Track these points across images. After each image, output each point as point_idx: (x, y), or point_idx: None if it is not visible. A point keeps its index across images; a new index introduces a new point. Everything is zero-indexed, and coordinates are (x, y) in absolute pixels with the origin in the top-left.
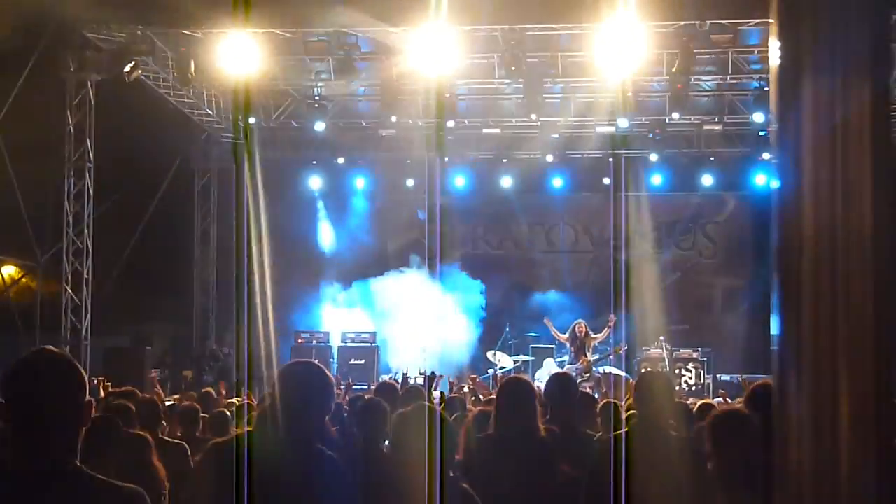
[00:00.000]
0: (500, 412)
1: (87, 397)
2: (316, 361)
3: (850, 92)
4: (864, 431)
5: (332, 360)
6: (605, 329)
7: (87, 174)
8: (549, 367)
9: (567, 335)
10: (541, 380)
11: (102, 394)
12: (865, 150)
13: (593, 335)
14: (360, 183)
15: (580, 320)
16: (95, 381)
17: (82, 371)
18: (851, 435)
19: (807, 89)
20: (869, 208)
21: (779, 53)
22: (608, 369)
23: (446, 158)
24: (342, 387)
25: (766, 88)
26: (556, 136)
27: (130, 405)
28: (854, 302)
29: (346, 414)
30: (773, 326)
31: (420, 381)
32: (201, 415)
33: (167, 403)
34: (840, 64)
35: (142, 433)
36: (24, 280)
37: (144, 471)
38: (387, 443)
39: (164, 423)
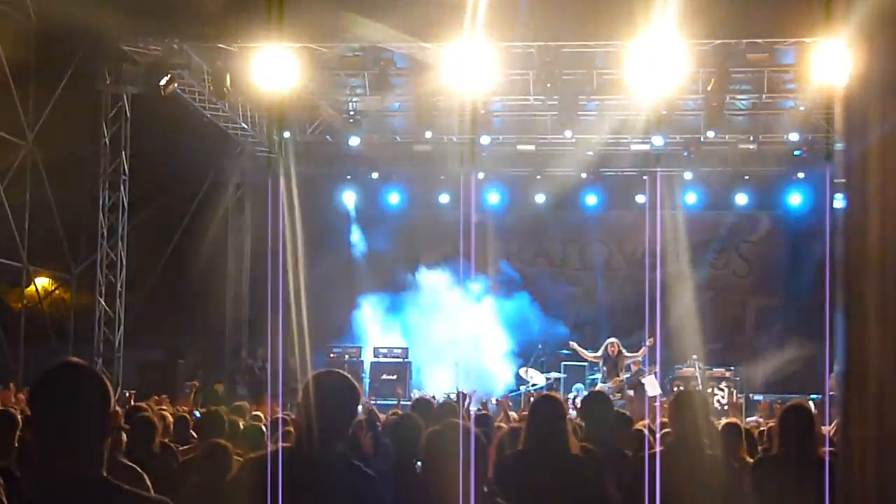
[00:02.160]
0: (530, 430)
1: (113, 408)
2: (341, 371)
3: None
4: None
5: (363, 375)
6: (642, 349)
7: (122, 187)
8: (582, 390)
9: (599, 354)
10: (573, 400)
11: (132, 405)
12: None
13: (626, 354)
14: (393, 198)
15: (613, 339)
16: (127, 394)
17: (107, 382)
18: None
19: (874, 107)
20: None
21: (848, 72)
22: (646, 380)
23: (480, 174)
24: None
25: (801, 108)
26: (591, 153)
27: (154, 418)
28: None
29: (380, 428)
30: (837, 346)
31: (452, 398)
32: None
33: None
34: None
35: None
36: (57, 292)
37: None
38: (419, 463)
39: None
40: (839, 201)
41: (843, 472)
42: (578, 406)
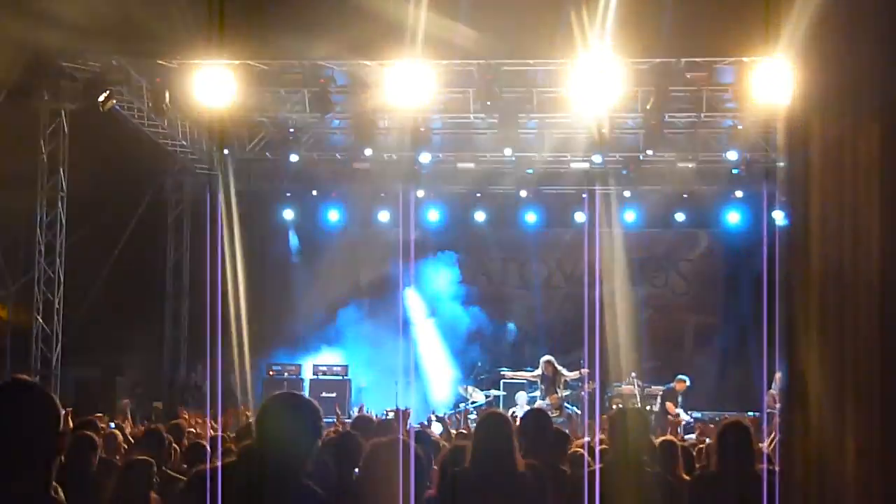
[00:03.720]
0: (477, 447)
1: (63, 427)
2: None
3: (860, 130)
4: (870, 467)
5: (303, 392)
6: (576, 373)
7: (60, 203)
8: (521, 402)
9: (537, 372)
10: (514, 415)
11: (71, 425)
12: (873, 188)
13: (563, 372)
14: (333, 215)
15: (548, 356)
16: (64, 412)
17: (57, 402)
18: (858, 470)
19: (816, 127)
20: (877, 245)
21: (789, 92)
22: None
23: (420, 192)
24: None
25: (739, 127)
26: (531, 171)
27: (95, 436)
28: (861, 338)
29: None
30: (779, 362)
31: (391, 415)
32: (174, 446)
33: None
34: (850, 103)
35: (147, 458)
36: None
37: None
38: (356, 471)
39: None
40: (779, 219)
41: (786, 486)
42: (517, 422)
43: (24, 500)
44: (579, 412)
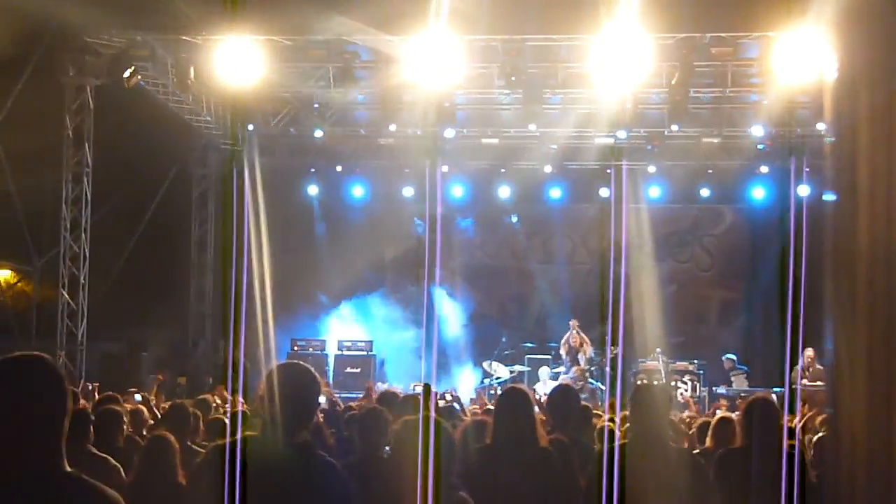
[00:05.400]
0: (498, 422)
1: (75, 399)
2: (302, 362)
3: None
4: None
5: (327, 368)
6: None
7: (85, 179)
8: (544, 377)
9: (563, 345)
10: (537, 390)
11: (97, 398)
12: None
13: (587, 343)
14: (358, 191)
15: (573, 320)
16: (91, 387)
17: (63, 374)
18: None
19: (863, 100)
20: None
21: (835, 65)
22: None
23: (444, 168)
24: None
25: (764, 102)
26: (555, 146)
27: (121, 410)
28: None
29: (344, 421)
30: (827, 339)
31: (417, 389)
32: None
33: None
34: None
35: (166, 434)
36: (19, 285)
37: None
38: (388, 448)
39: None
40: (804, 195)
41: (832, 463)
42: (544, 399)
43: (34, 473)
44: (603, 388)
